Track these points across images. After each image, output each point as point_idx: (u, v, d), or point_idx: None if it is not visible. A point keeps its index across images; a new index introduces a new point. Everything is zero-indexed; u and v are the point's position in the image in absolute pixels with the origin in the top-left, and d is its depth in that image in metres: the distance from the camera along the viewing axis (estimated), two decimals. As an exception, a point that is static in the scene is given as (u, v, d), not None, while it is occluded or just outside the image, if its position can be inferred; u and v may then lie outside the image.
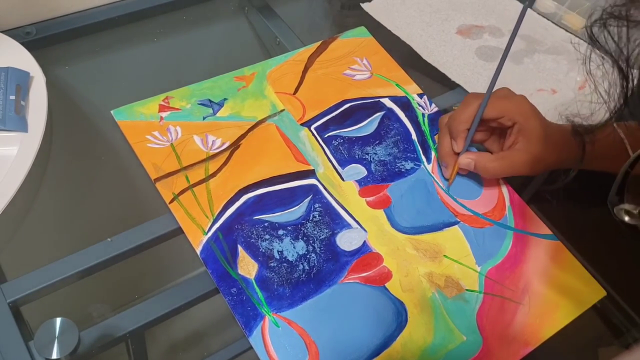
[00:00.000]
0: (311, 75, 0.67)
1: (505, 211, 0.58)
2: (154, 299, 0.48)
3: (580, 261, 0.56)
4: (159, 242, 0.53)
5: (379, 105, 0.65)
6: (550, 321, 0.52)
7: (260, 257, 0.51)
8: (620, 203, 0.40)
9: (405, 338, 0.49)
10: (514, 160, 0.57)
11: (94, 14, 0.69)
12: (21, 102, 0.56)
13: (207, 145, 0.58)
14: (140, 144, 0.57)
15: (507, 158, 0.57)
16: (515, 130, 0.57)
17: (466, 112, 0.58)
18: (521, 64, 0.59)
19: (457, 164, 0.59)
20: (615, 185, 0.41)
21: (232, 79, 0.65)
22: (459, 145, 0.58)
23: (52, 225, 0.75)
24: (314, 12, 0.88)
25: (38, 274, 0.48)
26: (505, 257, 0.55)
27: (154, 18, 0.73)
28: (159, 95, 0.62)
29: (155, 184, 0.55)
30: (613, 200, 0.41)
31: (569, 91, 0.69)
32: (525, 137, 0.56)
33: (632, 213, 0.40)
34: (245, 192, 0.55)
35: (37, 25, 0.66)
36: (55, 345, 0.41)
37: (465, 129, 0.58)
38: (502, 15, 0.80)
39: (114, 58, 0.74)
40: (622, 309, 0.55)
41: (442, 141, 0.60)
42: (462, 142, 0.58)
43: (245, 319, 0.48)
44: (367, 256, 0.53)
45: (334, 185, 0.57)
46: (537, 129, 0.56)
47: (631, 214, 0.40)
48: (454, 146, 0.59)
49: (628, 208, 0.40)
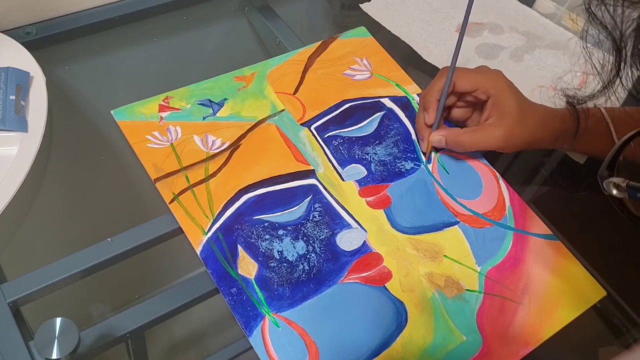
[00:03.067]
0: (311, 75, 0.67)
1: (506, 211, 0.58)
2: (154, 299, 0.48)
3: (580, 261, 0.56)
4: (159, 242, 0.53)
5: (379, 105, 0.65)
6: (550, 321, 0.52)
7: (260, 257, 0.51)
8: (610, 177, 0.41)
9: (405, 338, 0.49)
10: (487, 134, 0.57)
11: (94, 14, 0.69)
12: (21, 102, 0.56)
13: (207, 145, 0.58)
14: (140, 144, 0.57)
15: (479, 131, 0.57)
16: (489, 104, 0.58)
17: (438, 83, 0.58)
18: (521, 61, 0.60)
19: (430, 140, 0.59)
20: (607, 159, 0.42)
21: (232, 79, 0.65)
22: (430, 117, 0.58)
23: (52, 225, 0.75)
24: (314, 12, 0.88)
25: (38, 274, 0.48)
26: (505, 257, 0.55)
27: (154, 18, 0.73)
28: (159, 95, 0.62)
29: (155, 184, 0.55)
30: (603, 174, 0.42)
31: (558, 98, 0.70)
32: (499, 111, 0.57)
33: (620, 186, 0.41)
34: (245, 192, 0.55)
35: (37, 25, 0.66)
36: (55, 345, 0.41)
37: (436, 100, 0.58)
38: (501, 12, 0.80)
39: (114, 58, 0.74)
40: (622, 309, 0.55)
41: (418, 115, 0.61)
42: (433, 113, 0.58)
43: (245, 319, 0.48)
44: (367, 256, 0.53)
45: (334, 185, 0.57)
46: (511, 103, 0.56)
47: (619, 187, 0.41)
48: (426, 118, 0.59)
49: (617, 181, 0.41)
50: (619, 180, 0.40)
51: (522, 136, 0.57)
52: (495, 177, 0.61)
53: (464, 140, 0.57)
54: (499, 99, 0.57)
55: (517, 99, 0.57)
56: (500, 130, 0.56)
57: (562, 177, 0.67)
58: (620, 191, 0.40)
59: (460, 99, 0.60)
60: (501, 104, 0.57)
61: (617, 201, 0.41)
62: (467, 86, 0.58)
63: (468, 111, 0.61)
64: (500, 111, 0.57)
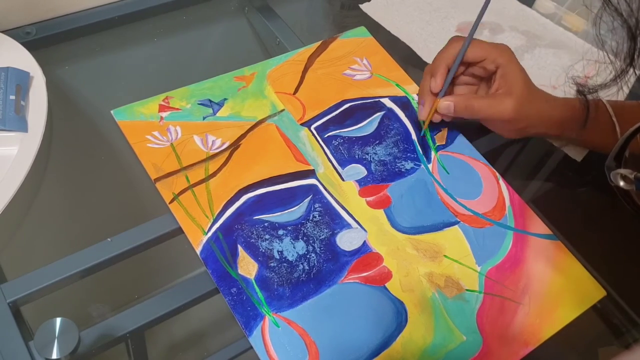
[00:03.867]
0: (311, 75, 0.67)
1: (505, 211, 0.58)
2: (154, 299, 0.48)
3: (580, 261, 0.56)
4: (159, 242, 0.53)
5: (379, 105, 0.65)
6: (550, 321, 0.52)
7: (260, 257, 0.51)
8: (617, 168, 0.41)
9: (405, 338, 0.49)
10: (499, 102, 0.56)
11: (94, 14, 0.69)
12: (21, 102, 0.56)
13: (207, 145, 0.58)
14: (140, 144, 0.57)
15: (491, 98, 0.56)
16: (498, 74, 0.57)
17: (448, 50, 0.57)
18: (522, 61, 0.60)
19: (435, 107, 0.58)
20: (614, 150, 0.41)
21: (232, 79, 0.65)
22: (438, 83, 0.57)
23: (52, 225, 0.75)
24: (313, 12, 0.88)
25: (38, 274, 0.48)
26: (505, 257, 0.55)
27: (154, 18, 0.73)
28: (159, 95, 0.62)
29: (155, 184, 0.55)
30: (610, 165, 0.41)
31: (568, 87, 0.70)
32: (508, 82, 0.56)
33: (628, 178, 0.40)
34: (245, 192, 0.55)
35: (37, 25, 0.66)
36: (55, 345, 0.41)
37: (445, 66, 0.57)
38: (502, 12, 0.80)
39: (114, 58, 0.74)
40: (622, 309, 0.55)
41: (422, 82, 0.59)
42: (441, 80, 0.57)
43: (245, 319, 0.48)
44: (367, 256, 0.53)
45: (334, 185, 0.57)
46: (520, 76, 0.56)
47: (627, 178, 0.40)
48: (433, 84, 0.57)
49: (624, 173, 0.40)
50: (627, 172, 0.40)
51: (532, 112, 0.56)
52: (495, 177, 0.61)
53: (474, 105, 0.56)
54: (507, 70, 0.56)
55: (524, 74, 0.56)
56: (512, 100, 0.55)
57: (562, 176, 0.67)
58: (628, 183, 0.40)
59: (467, 70, 0.59)
60: (510, 75, 0.56)
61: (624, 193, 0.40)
62: (477, 55, 0.56)
63: (473, 87, 0.60)
64: (509, 82, 0.56)
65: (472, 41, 0.57)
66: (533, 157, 0.68)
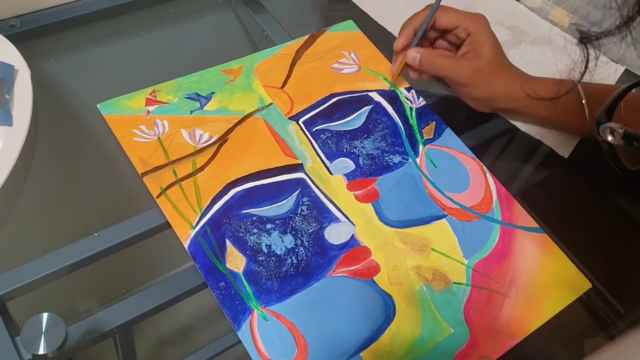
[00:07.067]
0: (299, 68, 0.67)
1: (493, 204, 0.59)
2: (142, 294, 0.48)
3: (566, 254, 0.56)
4: (146, 236, 0.52)
5: (367, 99, 0.65)
6: (537, 313, 0.52)
7: (248, 251, 0.51)
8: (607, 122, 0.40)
9: (393, 331, 0.49)
10: (459, 63, 0.59)
11: (79, 7, 0.68)
12: (5, 96, 0.55)
13: (194, 139, 0.58)
14: (127, 137, 0.57)
15: (453, 58, 0.59)
16: (467, 41, 0.59)
17: (421, 13, 0.60)
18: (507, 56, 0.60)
19: (404, 59, 0.61)
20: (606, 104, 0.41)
21: (219, 72, 0.65)
22: (400, 41, 0.61)
23: (38, 220, 0.74)
24: (301, 5, 0.88)
25: (24, 269, 0.47)
26: (492, 250, 0.55)
27: (140, 11, 0.72)
28: (146, 88, 0.61)
29: (142, 178, 0.54)
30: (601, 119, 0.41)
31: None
32: (476, 48, 0.58)
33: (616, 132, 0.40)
34: (233, 186, 0.55)
35: (21, 18, 0.65)
36: (42, 341, 0.41)
37: (412, 28, 0.60)
38: (489, 5, 0.81)
39: (100, 51, 0.73)
40: (607, 300, 0.56)
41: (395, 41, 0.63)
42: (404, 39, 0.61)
43: (233, 313, 0.48)
44: (355, 250, 0.53)
45: (322, 179, 0.57)
46: (489, 42, 0.58)
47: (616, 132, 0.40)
48: (395, 42, 0.61)
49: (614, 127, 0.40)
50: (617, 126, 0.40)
51: (496, 84, 0.58)
52: (483, 170, 0.61)
53: (438, 61, 0.59)
54: (478, 38, 0.58)
55: (496, 45, 0.58)
56: (472, 64, 0.58)
57: (548, 171, 0.67)
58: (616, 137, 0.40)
59: (441, 37, 0.62)
60: (479, 43, 0.58)
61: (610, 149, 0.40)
62: (450, 22, 0.59)
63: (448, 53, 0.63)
64: (476, 49, 0.58)
65: (447, 9, 0.60)
66: (520, 151, 0.68)
